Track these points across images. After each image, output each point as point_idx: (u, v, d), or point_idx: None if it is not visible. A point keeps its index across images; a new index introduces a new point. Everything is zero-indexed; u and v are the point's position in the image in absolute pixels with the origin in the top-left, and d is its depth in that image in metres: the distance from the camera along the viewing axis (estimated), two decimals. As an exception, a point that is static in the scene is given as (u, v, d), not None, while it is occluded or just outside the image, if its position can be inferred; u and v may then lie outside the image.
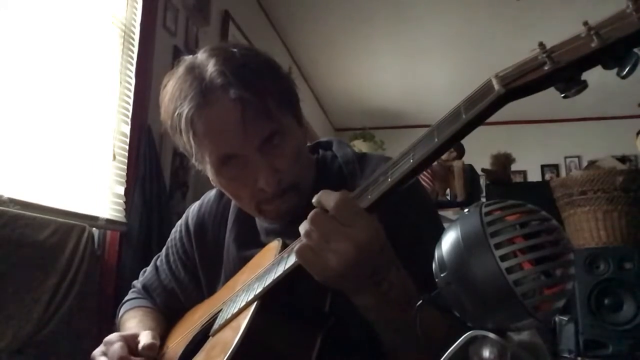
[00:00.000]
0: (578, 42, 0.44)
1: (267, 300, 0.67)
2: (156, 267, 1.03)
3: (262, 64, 0.79)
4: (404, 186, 0.57)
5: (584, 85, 0.45)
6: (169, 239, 1.03)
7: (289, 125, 0.79)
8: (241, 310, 0.70)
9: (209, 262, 0.94)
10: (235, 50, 0.78)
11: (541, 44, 0.46)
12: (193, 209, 1.00)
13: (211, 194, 1.00)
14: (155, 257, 1.06)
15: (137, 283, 1.06)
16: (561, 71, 0.45)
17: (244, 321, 0.65)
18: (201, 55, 0.78)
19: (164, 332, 0.94)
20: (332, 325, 0.68)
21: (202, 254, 0.95)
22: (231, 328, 0.70)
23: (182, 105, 0.74)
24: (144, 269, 1.08)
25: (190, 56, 0.79)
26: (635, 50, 0.42)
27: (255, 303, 0.67)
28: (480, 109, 0.48)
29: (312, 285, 0.65)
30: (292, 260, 0.65)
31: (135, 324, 0.92)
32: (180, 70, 0.77)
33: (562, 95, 0.46)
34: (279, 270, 0.67)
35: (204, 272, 0.95)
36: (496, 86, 0.48)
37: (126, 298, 1.06)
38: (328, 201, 0.59)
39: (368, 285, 0.61)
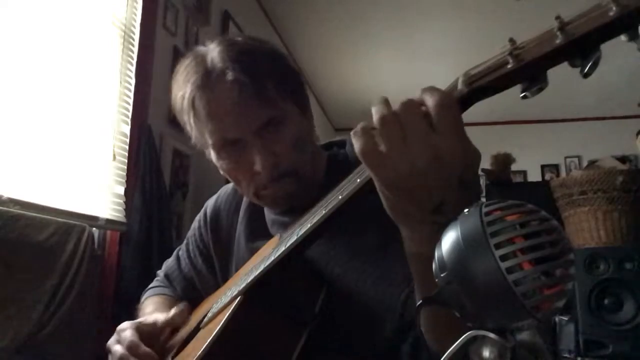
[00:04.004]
0: (544, 38, 0.40)
1: (251, 296, 0.68)
2: (177, 257, 1.07)
3: (264, 51, 0.81)
4: None
5: (545, 84, 0.41)
6: (190, 230, 1.07)
7: (290, 111, 0.79)
8: (225, 305, 0.71)
9: (223, 252, 0.97)
10: (240, 39, 0.82)
11: (511, 40, 0.42)
12: (211, 200, 1.04)
13: (229, 185, 1.02)
14: (178, 248, 1.10)
15: (160, 272, 1.11)
16: (523, 70, 0.41)
17: (224, 316, 0.66)
18: (209, 45, 0.81)
19: None
20: (320, 326, 0.68)
21: (216, 244, 0.98)
22: (214, 322, 0.71)
23: (185, 87, 0.78)
24: (166, 260, 1.12)
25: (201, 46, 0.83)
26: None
27: (238, 299, 0.68)
28: None
29: (305, 284, 0.64)
30: (275, 254, 0.65)
31: (151, 310, 0.96)
32: (189, 58, 0.81)
33: (521, 95, 0.42)
34: (261, 267, 0.68)
35: (218, 261, 0.98)
36: (460, 85, 0.45)
37: (150, 286, 1.10)
38: (430, 96, 0.45)
39: (429, 211, 0.46)
